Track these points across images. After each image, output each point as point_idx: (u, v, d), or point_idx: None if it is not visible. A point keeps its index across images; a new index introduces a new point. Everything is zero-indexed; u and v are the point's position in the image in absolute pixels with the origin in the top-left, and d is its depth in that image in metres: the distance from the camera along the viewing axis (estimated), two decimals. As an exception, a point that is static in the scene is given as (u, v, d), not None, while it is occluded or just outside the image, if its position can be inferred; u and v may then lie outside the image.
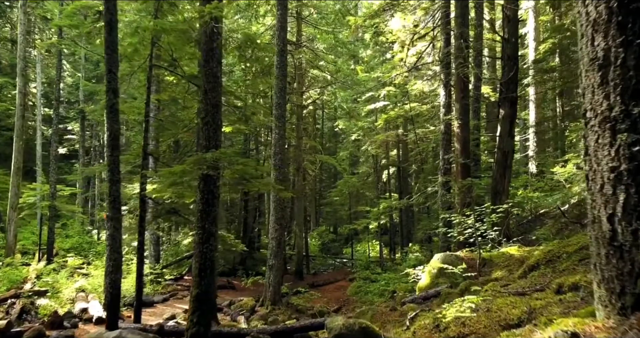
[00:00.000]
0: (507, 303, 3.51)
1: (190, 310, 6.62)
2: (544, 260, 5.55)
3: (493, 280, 6.71)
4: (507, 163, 12.28)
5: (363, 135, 25.93)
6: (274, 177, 14.24)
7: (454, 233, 9.59)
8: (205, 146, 6.88)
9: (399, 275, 16.79)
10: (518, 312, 3.21)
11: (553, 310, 2.93)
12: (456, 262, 8.33)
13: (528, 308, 3.18)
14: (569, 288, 3.39)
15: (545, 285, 4.27)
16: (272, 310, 13.76)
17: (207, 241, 6.77)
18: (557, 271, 4.97)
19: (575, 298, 3.13)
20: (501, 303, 3.60)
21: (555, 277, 4.72)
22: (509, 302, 3.51)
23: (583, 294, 3.12)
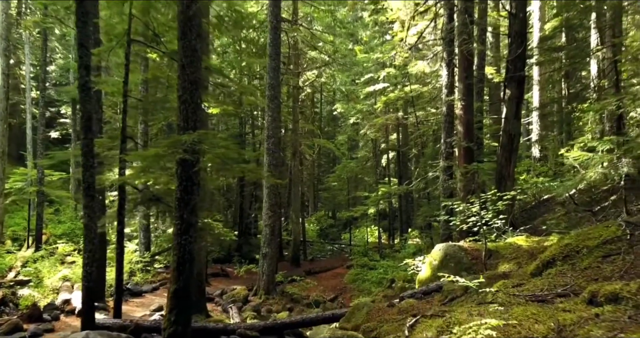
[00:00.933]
0: (528, 314, 2.89)
1: (167, 308, 6.02)
2: (561, 255, 4.92)
3: (501, 275, 6.10)
4: (513, 147, 11.61)
5: (362, 118, 25.18)
6: (268, 162, 13.59)
7: (457, 221, 8.96)
8: (183, 127, 6.20)
9: (397, 263, 16.27)
10: (543, 328, 2.58)
11: (591, 330, 2.31)
12: (459, 253, 7.73)
13: (556, 324, 2.56)
14: (606, 299, 2.77)
15: (569, 289, 3.64)
16: (266, 300, 13.26)
17: (186, 232, 6.14)
18: (577, 269, 4.34)
19: (617, 314, 2.51)
20: (519, 314, 2.97)
21: (576, 277, 4.10)
22: (530, 314, 2.88)
23: (630, 310, 2.49)
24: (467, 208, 8.12)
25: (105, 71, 15.12)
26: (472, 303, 4.56)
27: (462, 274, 7.41)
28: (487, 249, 7.28)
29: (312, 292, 15.25)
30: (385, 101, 20.16)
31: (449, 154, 12.48)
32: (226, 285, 15.72)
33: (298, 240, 20.93)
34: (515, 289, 4.21)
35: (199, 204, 10.68)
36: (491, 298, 4.31)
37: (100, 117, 11.52)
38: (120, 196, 8.37)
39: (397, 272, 15.00)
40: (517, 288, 4.27)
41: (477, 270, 7.34)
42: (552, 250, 5.16)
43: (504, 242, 8.00)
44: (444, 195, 12.19)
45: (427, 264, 8.29)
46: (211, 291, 14.66)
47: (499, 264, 7.05)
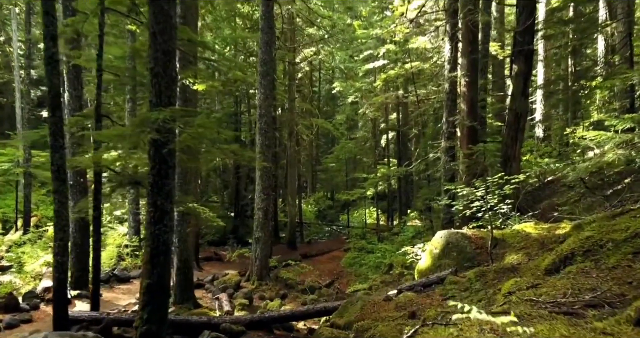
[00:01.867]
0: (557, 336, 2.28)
1: (140, 305, 5.44)
2: (581, 249, 4.30)
3: (509, 268, 5.49)
4: (520, 126, 10.90)
5: (361, 97, 24.35)
6: (260, 142, 12.92)
7: (459, 206, 8.34)
8: (156, 103, 5.50)
9: (396, 247, 15.75)
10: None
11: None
12: (462, 241, 7.13)
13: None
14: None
15: (600, 296, 3.02)
16: (259, 286, 12.77)
17: (160, 221, 5.51)
18: (604, 268, 3.72)
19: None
20: (546, 333, 2.36)
21: (604, 279, 3.48)
22: (560, 336, 2.27)
23: None
24: (472, 192, 7.47)
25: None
26: (481, 307, 3.95)
27: (465, 264, 6.83)
28: (493, 237, 6.67)
29: (308, 277, 14.76)
30: (384, 79, 19.34)
31: (451, 134, 11.80)
32: (219, 269, 15.23)
33: (294, 222, 20.39)
34: (531, 292, 3.59)
35: (185, 188, 10.06)
36: (502, 301, 3.70)
37: (80, 94, 10.80)
38: (96, 180, 7.73)
39: (396, 256, 14.49)
40: (533, 290, 3.65)
41: (481, 261, 6.75)
42: (571, 243, 4.53)
43: (511, 229, 7.39)
44: (445, 177, 11.56)
45: (427, 252, 7.70)
46: (203, 276, 14.17)
47: (506, 254, 6.45)
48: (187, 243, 10.08)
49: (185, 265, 10.05)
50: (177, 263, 10.05)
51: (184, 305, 9.94)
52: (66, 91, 10.72)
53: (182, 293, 10.02)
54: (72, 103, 10.65)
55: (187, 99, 10.03)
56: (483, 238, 7.13)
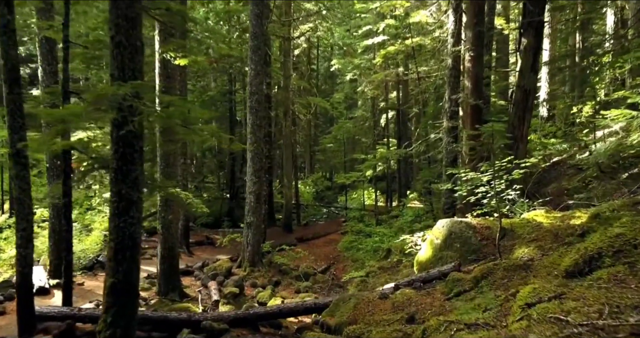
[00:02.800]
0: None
1: (104, 306, 4.83)
2: (610, 249, 3.65)
3: (521, 266, 4.86)
4: (528, 105, 10.19)
5: (359, 75, 23.45)
6: (251, 122, 12.18)
7: (462, 191, 7.67)
8: (118, 77, 4.77)
9: (394, 231, 15.18)
10: None
11: None
12: (466, 232, 6.48)
13: None
14: None
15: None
16: (251, 273, 12.23)
17: (125, 212, 4.85)
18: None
19: None
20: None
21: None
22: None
23: None
24: (477, 177, 6.79)
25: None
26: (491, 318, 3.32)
27: (469, 257, 6.21)
28: (501, 228, 6.01)
29: (303, 262, 14.22)
30: (384, 55, 18.43)
31: (453, 113, 11.05)
32: (210, 254, 14.69)
33: (290, 205, 19.79)
34: (555, 305, 2.94)
35: (168, 171, 9.37)
36: (519, 315, 3.06)
37: (55, 70, 10.01)
38: (65, 163, 7.05)
39: (394, 241, 13.92)
40: (558, 303, 3.00)
41: (487, 253, 6.12)
42: (597, 241, 3.87)
43: (520, 218, 6.74)
44: (447, 160, 10.87)
45: (427, 242, 7.07)
46: (194, 262, 13.63)
47: (516, 247, 5.82)
48: (172, 230, 9.46)
49: (170, 253, 9.45)
50: (161, 251, 9.45)
51: (169, 296, 9.39)
52: (39, 66, 9.94)
53: (167, 282, 9.45)
54: (46, 80, 9.88)
55: (169, 76, 9.26)
56: (489, 227, 6.49)
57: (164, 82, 9.19)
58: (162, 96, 5.03)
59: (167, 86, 9.20)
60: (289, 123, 19.42)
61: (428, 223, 13.95)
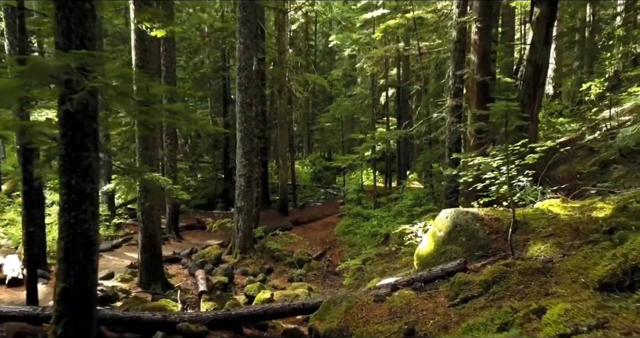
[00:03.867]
0: None
1: (53, 316, 4.16)
2: (659, 259, 2.94)
3: (540, 270, 4.16)
4: (539, 81, 9.37)
5: (358, 50, 22.43)
6: (240, 100, 11.37)
7: (468, 176, 6.93)
8: (63, 46, 3.99)
9: (393, 214, 14.53)
10: None
11: None
12: (473, 224, 5.78)
13: None
14: None
15: None
16: (242, 260, 11.62)
17: (76, 206, 4.14)
18: None
19: None
20: None
21: None
22: None
23: None
24: (487, 163, 6.06)
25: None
26: None
27: (476, 253, 5.52)
28: (515, 220, 5.30)
29: (297, 247, 13.62)
30: (384, 29, 17.44)
31: (458, 90, 10.22)
32: (201, 239, 14.08)
33: (286, 187, 19.10)
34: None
35: (147, 154, 8.62)
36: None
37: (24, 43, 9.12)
38: (24, 147, 6.31)
39: (393, 226, 13.30)
40: (602, 334, 2.30)
41: (496, 249, 5.43)
42: (638, 246, 3.16)
43: (533, 209, 6.03)
44: (450, 141, 10.10)
45: (429, 234, 6.38)
46: (183, 247, 13.01)
47: (530, 243, 5.12)
48: (153, 217, 8.78)
49: (151, 241, 8.79)
50: (142, 239, 8.79)
51: (151, 287, 8.79)
52: (6, 39, 9.08)
53: (149, 273, 8.82)
54: (13, 54, 9.02)
55: (147, 49, 8.41)
56: (499, 219, 5.78)
57: (140, 56, 8.36)
58: (112, 67, 4.23)
59: (144, 61, 8.38)
60: (284, 101, 18.57)
61: (429, 207, 13.28)
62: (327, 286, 10.75)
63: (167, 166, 13.64)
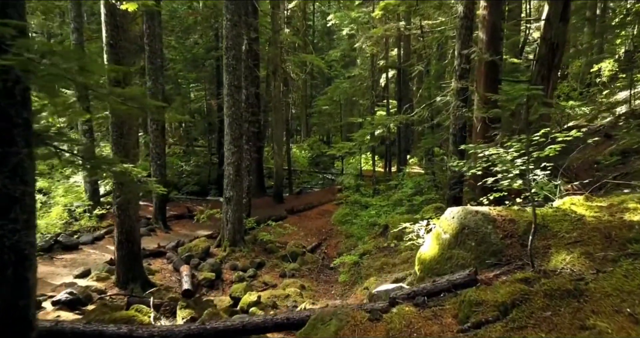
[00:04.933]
0: None
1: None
2: None
3: (571, 292, 3.41)
4: (555, 61, 8.52)
5: (357, 30, 21.40)
6: (228, 82, 10.52)
7: (476, 169, 6.15)
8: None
9: (393, 203, 13.81)
10: None
11: None
12: (484, 226, 5.02)
13: None
14: None
15: None
16: (231, 253, 10.93)
17: (3, 213, 3.37)
18: None
19: None
20: None
21: None
22: None
23: None
24: (501, 156, 5.27)
25: None
26: None
27: (487, 260, 4.78)
28: (535, 225, 4.53)
29: (291, 239, 12.94)
30: (384, 7, 16.43)
31: (464, 71, 9.34)
32: (190, 230, 13.38)
33: (281, 173, 18.34)
34: None
35: (122, 142, 7.81)
36: None
37: None
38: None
39: (392, 216, 12.58)
40: None
41: (511, 257, 4.69)
42: None
43: (553, 208, 5.26)
44: (455, 126, 9.28)
45: (433, 236, 5.63)
46: (171, 239, 12.31)
47: (552, 251, 4.38)
48: (130, 211, 8.03)
49: (129, 237, 8.06)
50: (118, 235, 8.06)
51: (129, 286, 8.10)
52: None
53: (127, 271, 8.12)
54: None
55: (118, 25, 7.54)
56: (514, 221, 5.02)
57: (111, 33, 7.50)
58: (42, 42, 3.41)
59: (116, 38, 7.51)
60: (278, 83, 17.67)
61: (430, 197, 12.56)
62: (321, 282, 10.08)
63: (153, 152, 12.85)
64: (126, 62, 7.68)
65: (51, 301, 6.93)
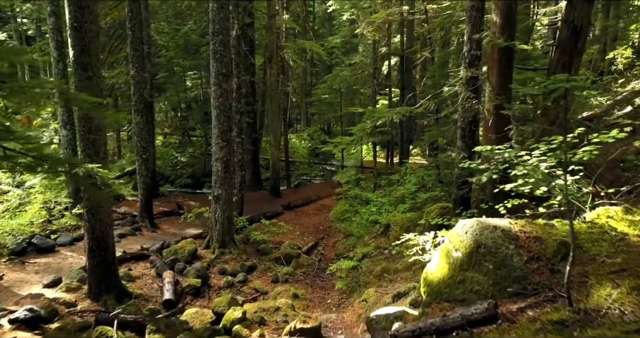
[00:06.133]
0: None
1: None
2: None
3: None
4: (578, 46, 7.62)
5: (358, 14, 20.34)
6: (215, 70, 9.63)
7: (492, 172, 5.28)
8: None
9: (394, 200, 12.97)
10: None
11: None
12: (504, 246, 4.18)
13: None
14: None
15: None
16: (220, 255, 10.17)
17: None
18: None
19: None
20: None
21: None
22: None
23: None
24: (531, 163, 4.45)
25: None
26: None
27: (509, 288, 3.95)
28: (574, 246, 3.69)
29: (287, 238, 12.15)
30: (386, -11, 15.45)
31: (474, 58, 8.40)
32: (179, 228, 12.57)
33: (278, 166, 17.49)
34: None
35: (91, 139, 6.96)
36: None
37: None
38: None
39: (394, 214, 11.76)
40: None
41: (539, 286, 3.85)
42: None
43: (586, 222, 4.41)
44: (464, 120, 8.37)
45: (442, 253, 4.79)
46: (157, 239, 11.52)
47: (591, 281, 3.54)
48: (102, 214, 7.20)
49: (101, 244, 7.25)
50: (89, 243, 7.25)
51: (102, 298, 7.31)
52: None
53: (99, 282, 7.32)
54: None
55: (83, 6, 6.63)
56: (540, 239, 4.18)
57: (75, 15, 6.60)
58: None
59: (81, 20, 6.61)
60: (274, 71, 16.71)
61: (435, 194, 11.72)
62: (317, 288, 9.30)
63: (137, 146, 11.99)
64: (94, 47, 6.78)
65: (8, 319, 6.14)
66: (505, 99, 7.69)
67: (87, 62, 6.74)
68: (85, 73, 6.76)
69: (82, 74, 6.74)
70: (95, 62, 6.87)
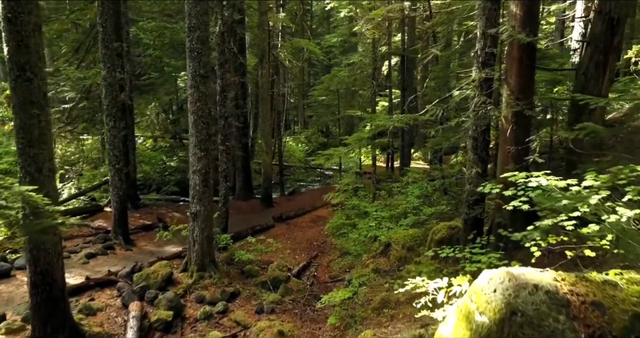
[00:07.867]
0: None
1: None
2: None
3: None
4: (614, 43, 6.43)
5: (356, 11, 19.19)
6: (192, 70, 8.46)
7: (521, 199, 4.11)
8: None
9: (396, 214, 11.79)
10: None
11: None
12: (552, 315, 3.01)
13: None
14: None
15: None
16: (199, 280, 9.00)
17: None
18: None
19: None
20: None
21: None
22: None
23: None
24: (553, 185, 3.29)
25: None
26: None
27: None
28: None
29: (276, 257, 10.99)
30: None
31: (489, 57, 7.21)
32: (157, 245, 11.40)
33: (269, 174, 16.32)
34: None
35: (32, 153, 5.80)
36: None
37: None
38: None
39: (395, 230, 10.60)
40: None
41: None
42: None
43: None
44: (478, 128, 7.19)
45: (460, 314, 3.60)
46: (131, 258, 10.36)
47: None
48: (47, 243, 6.03)
49: (46, 279, 6.08)
50: (31, 276, 6.08)
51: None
52: None
53: (45, 323, 6.15)
54: None
55: (20, -8, 5.47)
56: (601, 306, 3.00)
57: (9, 4, 5.45)
58: None
59: (16, 11, 5.46)
60: (266, 71, 15.54)
61: (440, 209, 10.55)
62: (307, 321, 8.12)
63: (110, 155, 10.82)
64: (34, 43, 5.63)
65: None
66: (527, 105, 6.54)
67: (24, 61, 5.59)
68: (23, 74, 5.60)
69: (19, 75, 5.59)
70: (36, 61, 5.71)
